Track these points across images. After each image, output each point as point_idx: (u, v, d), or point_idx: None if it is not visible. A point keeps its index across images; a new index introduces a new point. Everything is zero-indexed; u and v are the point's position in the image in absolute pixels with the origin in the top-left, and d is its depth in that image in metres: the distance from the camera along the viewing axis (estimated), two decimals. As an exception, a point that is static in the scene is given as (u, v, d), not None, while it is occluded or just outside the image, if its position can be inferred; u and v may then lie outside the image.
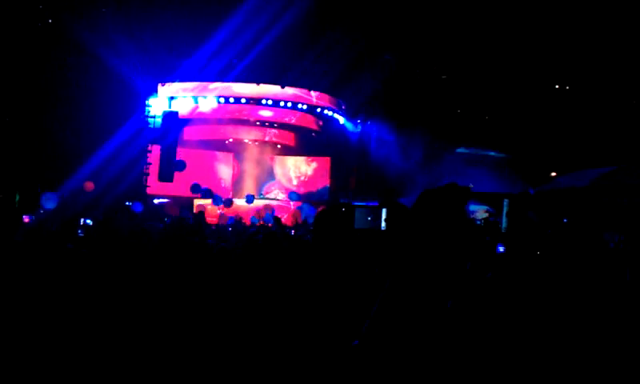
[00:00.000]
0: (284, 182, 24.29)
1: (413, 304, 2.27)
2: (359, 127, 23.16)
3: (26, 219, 11.82)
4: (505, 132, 20.23)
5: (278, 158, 24.52)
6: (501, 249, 6.60)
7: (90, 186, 16.92)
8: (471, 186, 21.18)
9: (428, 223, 2.41)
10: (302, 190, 23.87)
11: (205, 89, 20.96)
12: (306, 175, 24.38)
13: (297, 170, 24.41)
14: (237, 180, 24.05)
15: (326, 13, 18.42)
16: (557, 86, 20.79)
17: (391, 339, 2.34)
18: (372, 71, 20.48)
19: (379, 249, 3.23)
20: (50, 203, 15.12)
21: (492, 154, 21.77)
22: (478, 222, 11.17)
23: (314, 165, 24.40)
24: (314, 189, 24.03)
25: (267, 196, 23.22)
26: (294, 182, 24.27)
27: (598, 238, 3.03)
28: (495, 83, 20.23)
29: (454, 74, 21.41)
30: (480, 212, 13.47)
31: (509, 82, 19.90)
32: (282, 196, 23.57)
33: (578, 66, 18.68)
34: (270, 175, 24.30)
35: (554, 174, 20.28)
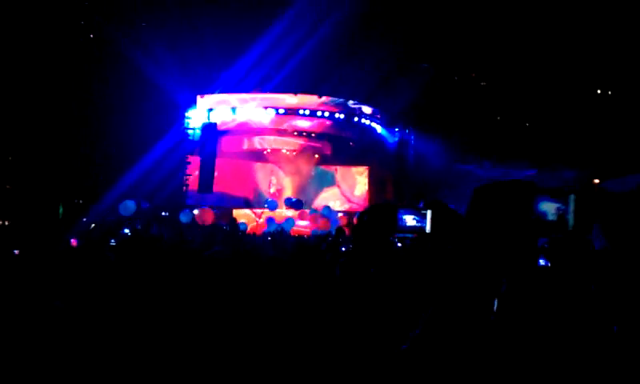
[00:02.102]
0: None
1: (468, 312, 2.10)
2: (397, 136, 23.00)
3: (73, 243, 12.08)
4: (543, 139, 19.79)
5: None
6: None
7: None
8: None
9: (487, 226, 2.10)
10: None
11: (243, 100, 21.12)
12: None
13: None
14: (275, 190, 24.11)
15: (364, 22, 18.40)
16: (599, 91, 20.32)
17: (442, 346, 2.16)
18: (410, 79, 20.33)
19: (423, 251, 3.15)
20: (127, 211, 15.57)
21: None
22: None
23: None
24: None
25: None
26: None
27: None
28: (533, 89, 19.86)
29: (493, 81, 21.12)
30: (551, 210, 13.10)
31: (546, 88, 19.51)
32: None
33: (621, 69, 18.21)
34: (309, 184, 24.28)
35: (597, 181, 19.79)
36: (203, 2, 18.08)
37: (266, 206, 20.75)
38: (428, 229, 3.10)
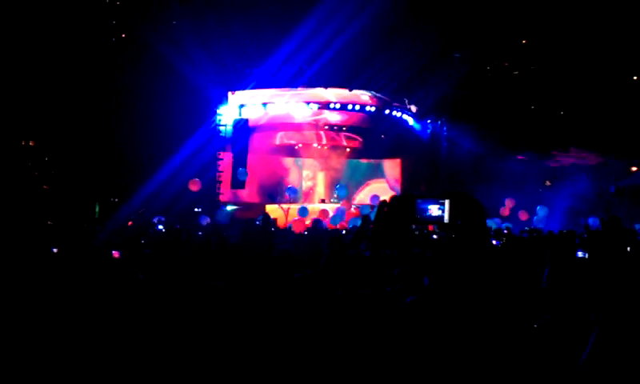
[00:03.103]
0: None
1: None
2: (429, 128, 22.77)
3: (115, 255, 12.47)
4: (583, 128, 19.37)
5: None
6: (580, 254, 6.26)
7: (195, 185, 17.48)
8: (548, 183, 20.52)
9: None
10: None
11: (273, 95, 21.12)
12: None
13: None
14: (307, 185, 24.11)
15: (396, 14, 18.24)
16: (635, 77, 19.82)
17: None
18: (441, 71, 20.10)
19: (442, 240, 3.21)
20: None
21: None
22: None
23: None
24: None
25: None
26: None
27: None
28: (568, 78, 19.45)
29: (527, 71, 20.76)
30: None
31: (582, 75, 19.09)
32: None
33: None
34: (340, 179, 24.20)
35: (634, 168, 19.33)
36: (236, 0, 18.15)
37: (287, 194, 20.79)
38: (446, 218, 3.25)
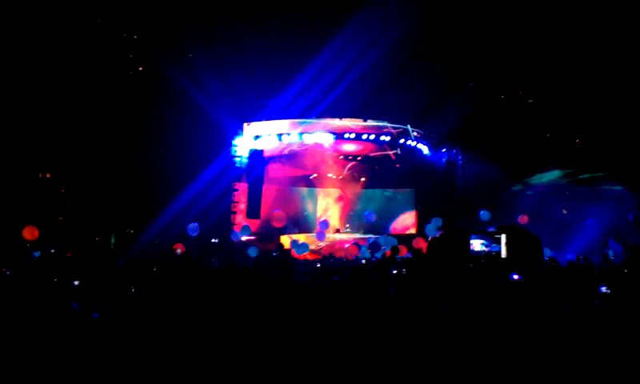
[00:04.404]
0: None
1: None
2: (444, 157, 22.73)
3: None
4: (598, 153, 19.24)
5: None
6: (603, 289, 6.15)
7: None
8: (564, 211, 20.33)
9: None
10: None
11: (288, 126, 21.24)
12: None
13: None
14: (322, 215, 24.08)
15: (409, 45, 18.35)
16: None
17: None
18: (456, 100, 20.13)
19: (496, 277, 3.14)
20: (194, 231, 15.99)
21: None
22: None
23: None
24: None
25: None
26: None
27: None
28: (582, 107, 19.40)
29: (541, 98, 20.73)
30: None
31: (595, 104, 19.03)
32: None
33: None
34: (355, 208, 24.15)
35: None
36: (251, 32, 18.34)
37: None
38: (503, 254, 3.19)
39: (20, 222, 15.72)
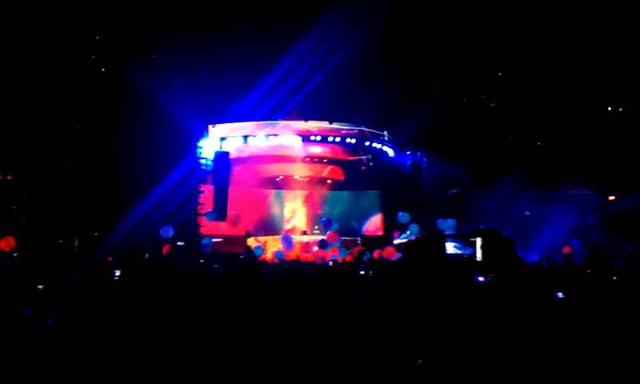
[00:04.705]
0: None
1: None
2: (409, 159, 22.96)
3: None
4: (561, 159, 19.68)
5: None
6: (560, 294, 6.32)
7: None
8: (527, 212, 20.73)
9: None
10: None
11: (254, 128, 21.21)
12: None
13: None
14: (288, 217, 24.07)
15: (374, 49, 18.53)
16: (609, 108, 20.27)
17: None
18: (420, 103, 20.38)
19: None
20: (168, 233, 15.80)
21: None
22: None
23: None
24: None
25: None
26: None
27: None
28: (544, 109, 19.84)
29: (503, 102, 21.14)
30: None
31: (558, 106, 19.48)
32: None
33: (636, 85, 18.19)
34: (321, 211, 24.21)
35: (612, 197, 19.64)
36: (218, 33, 18.27)
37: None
38: (479, 257, 3.24)
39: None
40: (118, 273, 9.36)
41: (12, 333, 4.30)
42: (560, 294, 6.12)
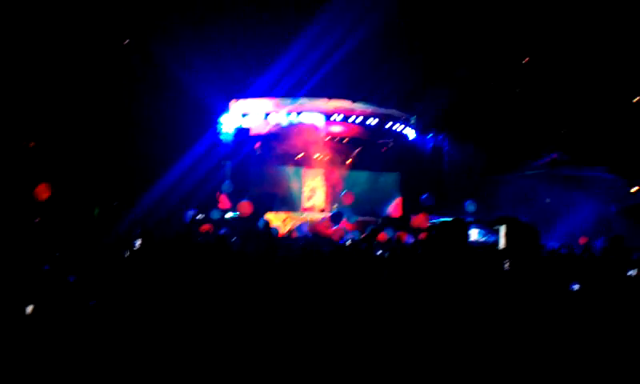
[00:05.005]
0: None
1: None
2: (431, 142, 22.79)
3: None
4: (584, 146, 19.41)
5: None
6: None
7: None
8: (547, 200, 20.51)
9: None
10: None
11: (276, 105, 21.15)
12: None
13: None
14: (308, 195, 24.03)
15: (399, 28, 18.33)
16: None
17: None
18: (444, 85, 20.17)
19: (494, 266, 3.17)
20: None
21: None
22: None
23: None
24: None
25: None
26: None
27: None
28: (569, 97, 19.54)
29: (529, 87, 20.85)
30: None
31: (583, 94, 19.17)
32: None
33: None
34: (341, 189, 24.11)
35: (635, 188, 19.40)
36: (238, 8, 18.18)
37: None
38: (502, 244, 3.24)
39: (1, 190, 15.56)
40: (138, 243, 9.48)
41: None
42: (576, 287, 6.05)
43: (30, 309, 4.06)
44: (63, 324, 4.22)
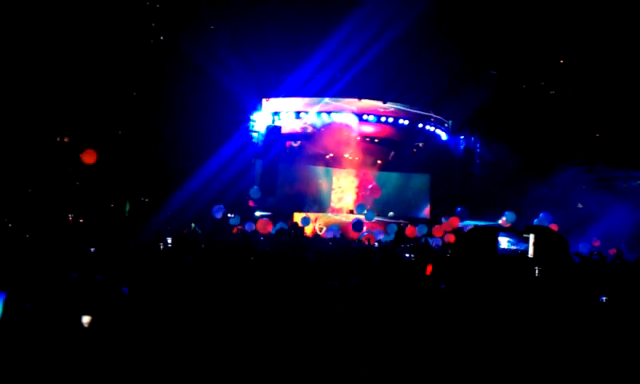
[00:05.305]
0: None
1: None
2: (462, 144, 22.56)
3: None
4: (622, 150, 18.98)
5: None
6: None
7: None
8: (580, 205, 20.12)
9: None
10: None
11: (307, 104, 21.16)
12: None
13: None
14: (337, 195, 24.00)
15: (431, 28, 18.17)
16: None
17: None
18: (476, 86, 19.93)
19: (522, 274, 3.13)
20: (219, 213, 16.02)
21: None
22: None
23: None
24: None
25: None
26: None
27: None
28: (604, 100, 19.13)
29: (563, 90, 20.48)
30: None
31: (616, 98, 18.75)
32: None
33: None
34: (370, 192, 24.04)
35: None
36: (270, 7, 18.20)
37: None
38: (530, 253, 3.19)
39: (37, 184, 15.85)
40: (169, 240, 9.58)
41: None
42: (604, 298, 5.93)
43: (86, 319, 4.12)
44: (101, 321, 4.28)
